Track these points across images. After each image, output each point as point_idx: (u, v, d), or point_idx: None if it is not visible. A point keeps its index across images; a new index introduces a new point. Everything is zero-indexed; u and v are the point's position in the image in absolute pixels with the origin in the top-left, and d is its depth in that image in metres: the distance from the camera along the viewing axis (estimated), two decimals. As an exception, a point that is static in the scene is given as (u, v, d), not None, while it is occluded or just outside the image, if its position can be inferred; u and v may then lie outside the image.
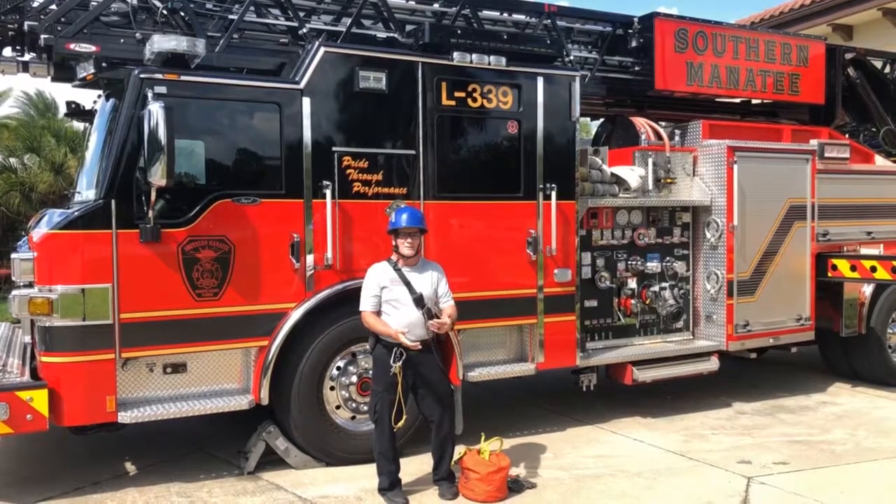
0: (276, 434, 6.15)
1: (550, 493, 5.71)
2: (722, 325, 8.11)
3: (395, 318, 5.53)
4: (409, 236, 5.56)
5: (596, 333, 7.73)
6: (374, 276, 5.59)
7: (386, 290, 5.54)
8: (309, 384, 6.13)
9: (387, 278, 5.56)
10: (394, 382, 5.47)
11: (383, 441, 5.56)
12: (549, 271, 7.03)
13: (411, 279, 5.59)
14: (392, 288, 5.55)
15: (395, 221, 5.58)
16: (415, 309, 5.53)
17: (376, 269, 5.62)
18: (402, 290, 5.54)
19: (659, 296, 8.00)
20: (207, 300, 5.74)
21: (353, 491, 5.73)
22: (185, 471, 6.12)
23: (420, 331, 5.54)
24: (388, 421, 5.52)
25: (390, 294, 5.54)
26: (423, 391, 5.65)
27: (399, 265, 5.61)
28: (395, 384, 5.47)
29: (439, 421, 5.66)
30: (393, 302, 5.55)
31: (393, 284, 5.55)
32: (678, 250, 8.25)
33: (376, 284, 5.55)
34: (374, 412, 5.59)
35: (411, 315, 5.52)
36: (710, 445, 6.94)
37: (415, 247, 5.60)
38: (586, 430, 7.38)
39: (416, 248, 5.61)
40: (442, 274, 5.78)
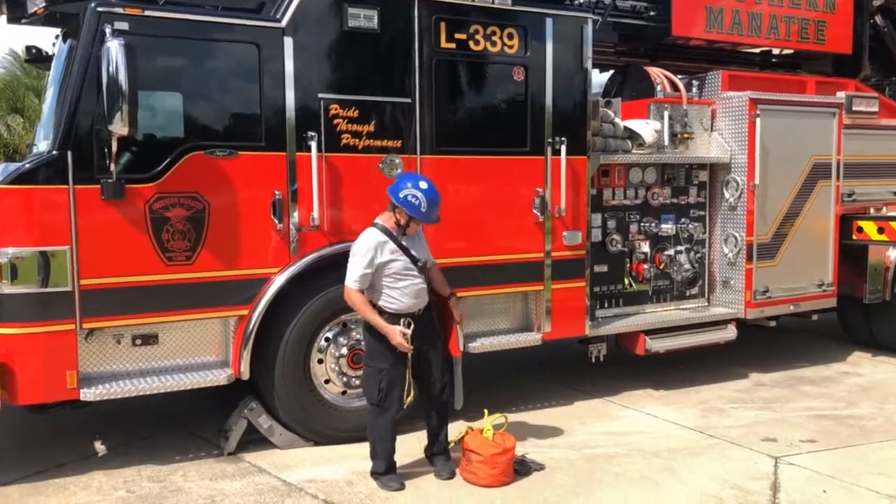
0: (258, 411, 5.60)
1: (560, 476, 5.19)
2: (740, 291, 7.56)
3: (401, 292, 4.96)
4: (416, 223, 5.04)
5: (606, 300, 7.18)
6: (369, 248, 4.90)
7: (385, 265, 4.93)
8: (294, 357, 5.57)
9: (386, 251, 4.95)
10: (401, 358, 4.96)
11: (385, 423, 5.01)
12: (557, 234, 6.44)
13: (410, 247, 5.06)
14: (394, 260, 4.96)
15: (414, 211, 4.89)
16: (419, 277, 5.01)
17: (372, 241, 4.91)
18: (404, 261, 4.99)
19: (674, 260, 7.43)
20: (179, 264, 5.15)
21: (342, 473, 5.20)
22: (160, 451, 5.58)
23: (424, 297, 5.07)
24: (397, 401, 4.98)
25: (392, 267, 4.95)
26: (422, 360, 5.12)
27: (395, 234, 5.01)
28: (403, 360, 4.96)
29: (438, 392, 5.15)
30: (396, 275, 4.97)
31: (394, 255, 4.96)
32: (694, 211, 7.66)
33: (371, 259, 4.89)
34: (378, 392, 4.97)
35: (417, 284, 5.01)
36: (730, 421, 6.42)
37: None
38: (596, 404, 6.86)
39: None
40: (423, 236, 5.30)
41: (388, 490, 4.99)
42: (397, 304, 4.97)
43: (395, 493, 4.88)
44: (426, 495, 4.86)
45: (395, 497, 4.84)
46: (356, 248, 4.95)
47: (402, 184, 4.96)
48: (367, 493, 4.87)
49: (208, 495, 4.82)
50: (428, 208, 4.93)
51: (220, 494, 4.84)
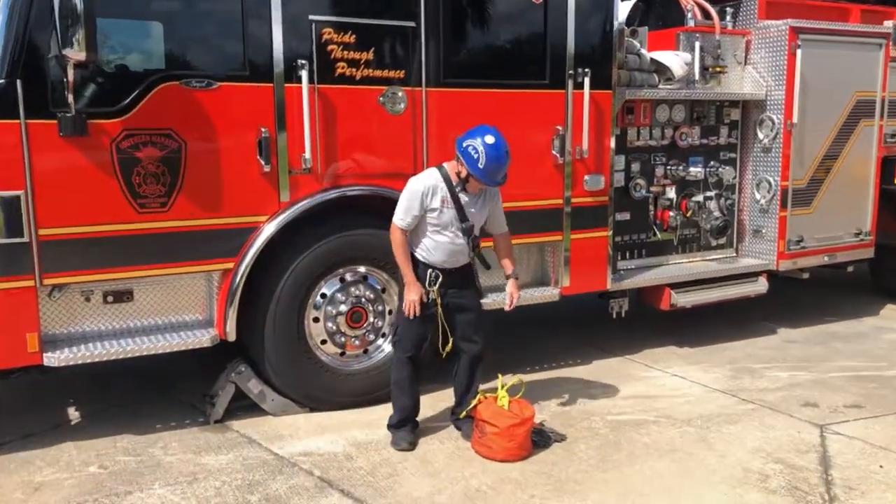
0: (247, 375, 5.05)
1: (584, 448, 4.66)
2: (772, 240, 6.96)
3: (436, 245, 4.53)
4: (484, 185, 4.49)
5: (627, 251, 6.59)
6: (422, 191, 4.44)
7: (434, 210, 4.47)
8: (287, 315, 4.99)
9: (438, 199, 4.46)
10: (427, 304, 4.55)
11: (401, 371, 4.65)
12: (578, 177, 5.80)
13: (466, 205, 4.51)
14: (442, 211, 4.47)
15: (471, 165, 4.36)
16: (460, 238, 4.52)
17: (427, 182, 4.47)
18: (451, 215, 4.48)
19: (703, 207, 6.81)
20: (153, 212, 4.52)
21: (341, 445, 4.67)
22: (140, 419, 5.05)
23: (462, 259, 4.61)
24: (412, 348, 4.60)
25: (436, 217, 4.48)
26: (458, 313, 4.66)
27: (456, 185, 4.49)
28: (430, 306, 4.55)
29: (475, 348, 4.68)
30: (438, 226, 4.49)
31: (444, 206, 4.47)
32: (724, 154, 7.02)
33: (421, 204, 4.44)
34: (394, 334, 4.72)
35: (456, 245, 4.54)
36: (764, 382, 5.88)
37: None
38: (617, 364, 6.31)
39: None
40: (498, 199, 4.72)
41: (395, 448, 4.56)
42: (428, 255, 4.55)
43: (399, 470, 4.34)
44: (434, 471, 4.33)
45: (399, 473, 4.30)
46: (410, 185, 4.51)
47: (472, 133, 4.47)
48: (369, 469, 4.34)
49: (190, 472, 4.29)
50: (487, 165, 4.35)
51: (202, 471, 4.31)
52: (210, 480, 4.19)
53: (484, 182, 4.41)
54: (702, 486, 4.19)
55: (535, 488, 4.14)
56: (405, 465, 4.40)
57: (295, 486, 4.14)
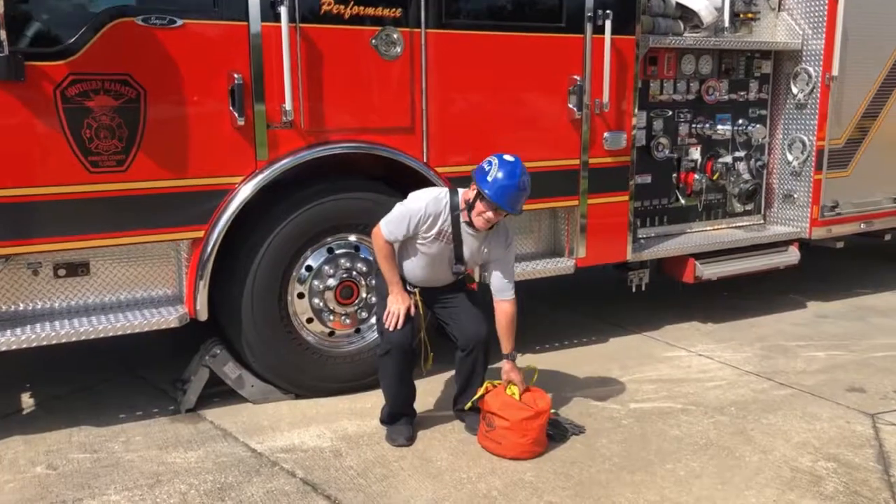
0: (223, 358, 4.45)
1: (606, 443, 4.08)
2: (805, 206, 6.34)
3: (421, 269, 3.98)
4: (495, 210, 3.77)
5: (648, 218, 5.96)
6: (420, 215, 3.82)
7: (427, 237, 3.87)
8: (267, 290, 4.37)
9: (435, 229, 3.86)
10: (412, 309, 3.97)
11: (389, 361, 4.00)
12: (596, 134, 5.15)
13: (466, 243, 3.91)
14: (435, 242, 3.88)
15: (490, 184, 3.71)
16: (447, 269, 3.97)
17: (429, 210, 3.83)
18: (444, 249, 3.89)
19: (731, 169, 6.15)
20: (109, 172, 3.88)
21: (329, 440, 4.09)
22: (102, 406, 4.46)
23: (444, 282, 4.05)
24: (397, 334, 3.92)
25: (428, 246, 3.89)
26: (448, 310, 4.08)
27: (463, 220, 3.87)
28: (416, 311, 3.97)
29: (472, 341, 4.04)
30: (427, 255, 3.91)
31: (440, 240, 3.87)
32: (753, 110, 6.36)
33: (414, 227, 3.83)
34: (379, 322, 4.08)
35: (438, 277, 4.00)
36: (800, 363, 5.30)
37: (492, 224, 3.85)
38: (636, 343, 5.72)
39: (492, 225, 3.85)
40: (511, 248, 4.06)
41: (391, 443, 4.00)
42: (406, 272, 3.99)
43: (395, 470, 3.76)
44: (436, 472, 3.75)
45: (395, 475, 3.72)
46: (410, 200, 3.91)
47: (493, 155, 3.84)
48: (360, 470, 3.75)
49: (153, 472, 3.71)
50: (499, 181, 3.70)
51: (167, 471, 3.72)
52: (175, 483, 3.61)
53: (493, 200, 3.69)
54: (746, 490, 3.61)
55: (553, 493, 3.56)
56: (402, 464, 3.82)
57: (273, 491, 3.56)
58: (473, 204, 3.78)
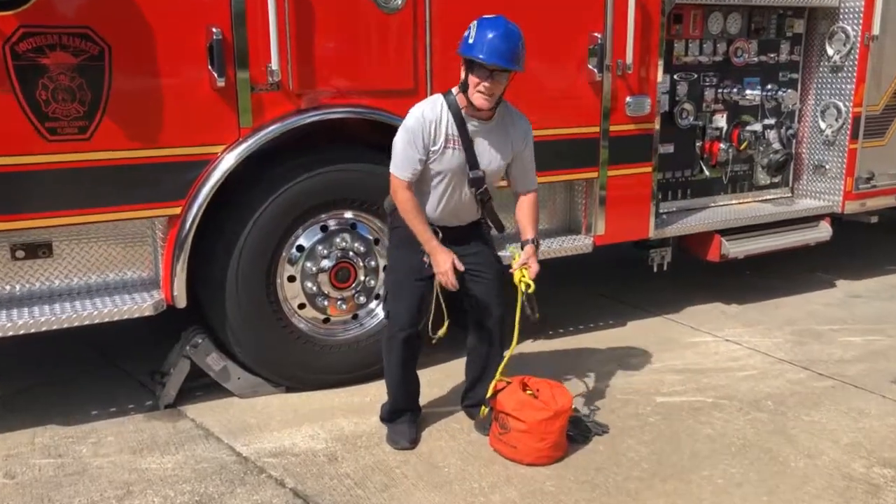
0: (206, 348, 4.01)
1: (634, 445, 3.65)
2: (837, 178, 5.87)
3: (437, 199, 3.46)
4: (490, 77, 3.23)
5: (669, 191, 5.49)
6: (422, 127, 3.31)
7: (436, 152, 3.34)
8: (254, 273, 3.92)
9: (442, 134, 3.33)
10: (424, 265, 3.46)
11: (393, 350, 3.57)
12: (618, 99, 4.67)
13: (478, 143, 3.37)
14: (445, 153, 3.34)
15: (472, 45, 3.23)
16: (467, 189, 3.42)
17: (428, 116, 3.33)
18: (457, 159, 3.36)
19: (760, 138, 5.67)
20: (70, 140, 3.40)
21: (323, 441, 3.66)
22: (71, 403, 4.02)
23: (469, 216, 3.54)
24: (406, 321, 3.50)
25: (440, 162, 3.36)
26: (466, 283, 3.54)
27: (466, 114, 3.34)
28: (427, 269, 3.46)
29: (489, 326, 3.62)
30: (440, 174, 3.39)
31: (449, 146, 3.34)
32: (784, 74, 5.85)
33: (422, 144, 3.31)
34: (385, 302, 3.67)
35: (461, 201, 3.46)
36: (837, 350, 4.87)
37: (495, 97, 3.30)
38: (657, 326, 5.28)
39: (496, 99, 3.31)
40: (529, 138, 3.53)
41: (392, 446, 3.57)
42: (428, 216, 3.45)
43: (397, 479, 3.33)
44: (444, 481, 3.32)
45: (397, 484, 3.29)
46: (405, 122, 3.39)
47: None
48: (358, 479, 3.32)
49: (123, 482, 3.28)
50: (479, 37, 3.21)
51: (140, 480, 3.29)
52: (147, 495, 3.18)
53: (480, 58, 3.18)
54: (796, 502, 3.19)
55: (577, 507, 3.15)
56: (405, 470, 3.40)
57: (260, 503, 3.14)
58: (466, 81, 3.29)
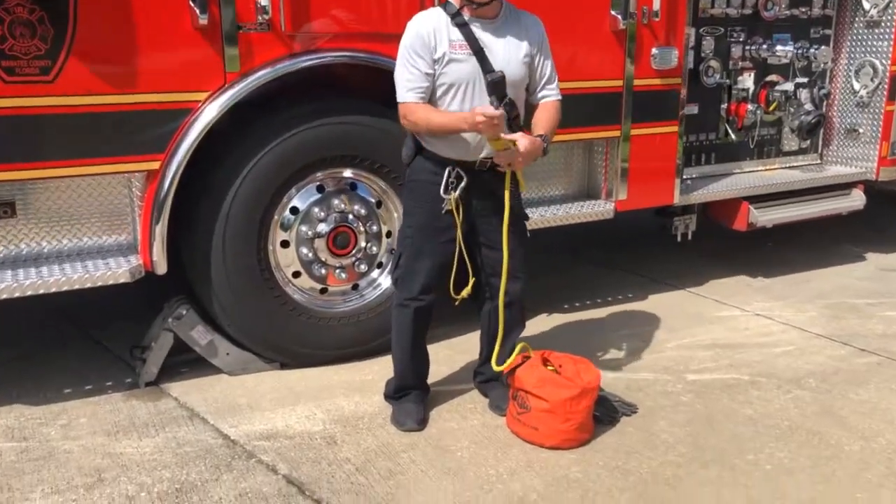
0: (190, 320, 3.62)
1: (667, 427, 3.27)
2: (872, 142, 5.46)
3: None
4: None
5: (693, 155, 5.09)
6: (421, 36, 2.96)
7: (443, 63, 2.95)
8: (243, 237, 3.53)
9: (444, 41, 2.94)
10: (443, 223, 3.06)
11: (403, 318, 3.19)
12: (643, 50, 4.26)
13: (488, 44, 2.96)
14: (454, 61, 2.94)
15: None
16: (487, 101, 2.96)
17: (427, 25, 2.98)
18: (467, 66, 2.95)
19: (791, 98, 5.25)
20: (30, 81, 3.00)
21: (321, 422, 3.28)
22: (44, 379, 3.65)
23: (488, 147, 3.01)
24: (418, 285, 3.12)
25: (449, 73, 2.96)
26: (489, 242, 3.17)
27: (466, 16, 2.95)
28: (446, 226, 3.06)
29: (510, 288, 3.19)
30: (452, 87, 2.98)
31: (455, 53, 2.94)
32: (816, 30, 5.42)
33: (428, 55, 2.93)
34: (396, 264, 3.22)
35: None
36: (878, 325, 4.49)
37: None
38: (680, 300, 4.91)
39: None
40: (543, 37, 3.13)
41: (398, 427, 3.20)
42: (440, 142, 3.03)
43: (404, 465, 2.95)
44: (457, 467, 2.94)
45: (404, 471, 2.92)
46: (403, 38, 3.02)
47: None
48: (360, 464, 2.95)
49: (94, 468, 2.90)
50: None
51: (114, 466, 2.92)
52: (121, 483, 2.80)
53: None
54: (857, 492, 2.82)
55: (609, 496, 2.76)
56: (412, 455, 3.02)
57: (248, 492, 2.76)
58: None
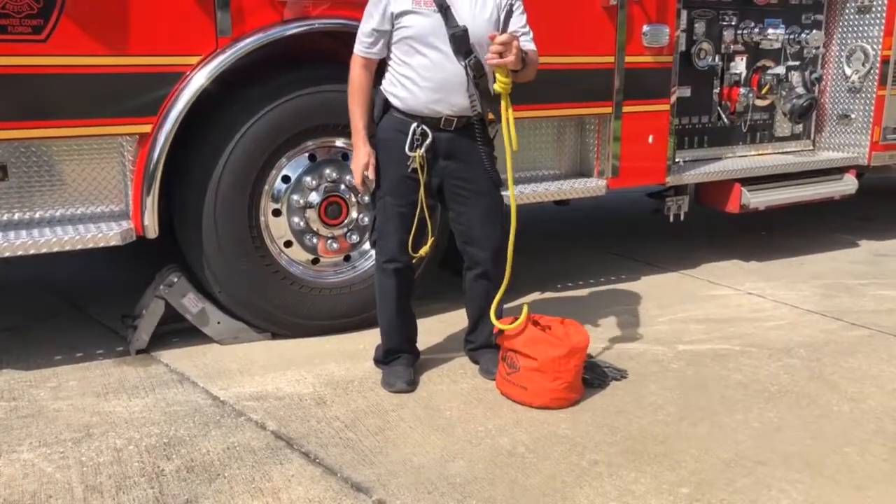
0: (181, 287, 3.62)
1: (656, 390, 3.28)
2: (864, 128, 5.49)
3: (414, 73, 3.00)
4: None
5: (686, 138, 5.11)
6: None
7: (404, 18, 2.96)
8: (234, 205, 3.54)
9: None
10: (410, 182, 3.06)
11: (385, 283, 3.22)
12: (634, 27, 4.29)
13: (453, 2, 2.96)
14: (416, 15, 2.95)
15: None
16: (452, 57, 2.96)
17: None
18: (432, 22, 2.95)
19: (783, 82, 5.29)
20: (21, 40, 3.02)
21: (310, 385, 3.28)
22: (33, 348, 3.64)
23: (460, 97, 3.00)
24: (395, 246, 3.13)
25: (411, 27, 2.97)
26: (458, 204, 3.18)
27: None
28: (414, 185, 3.06)
29: (484, 255, 3.22)
30: (414, 41, 2.98)
31: (418, 8, 2.96)
32: (807, 15, 5.47)
33: (384, 9, 2.98)
34: (373, 230, 3.23)
35: (445, 69, 2.97)
36: (870, 303, 4.50)
37: None
38: (673, 281, 4.92)
39: None
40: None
41: (388, 389, 3.20)
42: (404, 95, 3.03)
43: (392, 422, 2.95)
44: (445, 424, 2.94)
45: (392, 427, 2.92)
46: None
47: None
48: (349, 421, 2.95)
49: (83, 424, 2.90)
50: None
51: (102, 423, 2.91)
52: (109, 437, 2.80)
53: None
54: (846, 445, 2.82)
55: (597, 450, 2.76)
56: (401, 413, 3.02)
57: (236, 446, 2.76)
58: None
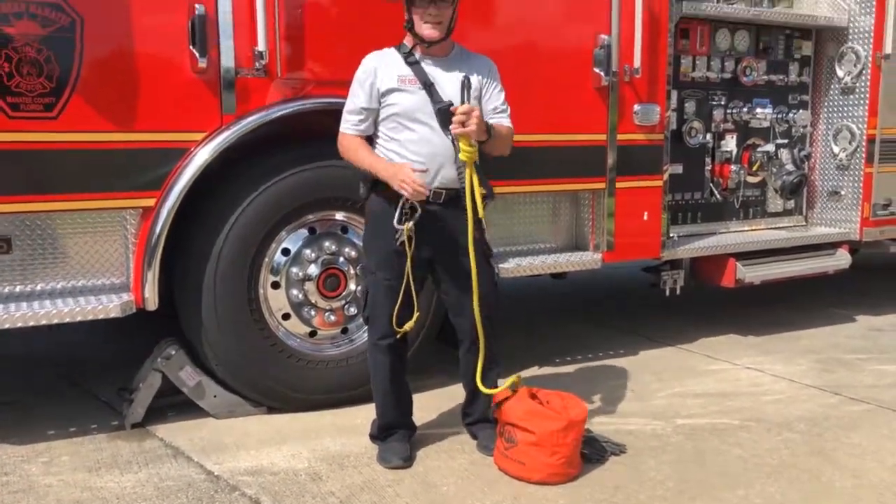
0: (179, 361, 3.62)
1: (655, 465, 3.24)
2: (853, 204, 5.59)
3: (402, 147, 3.10)
4: (432, 3, 3.02)
5: (678, 214, 5.19)
6: (370, 71, 3.12)
7: (390, 96, 3.08)
8: (234, 278, 3.58)
9: (393, 76, 3.09)
10: (399, 256, 3.08)
11: (379, 360, 3.23)
12: (626, 106, 4.42)
13: (437, 79, 3.09)
14: (402, 93, 3.08)
15: None
16: (439, 131, 3.07)
17: (375, 61, 3.16)
18: (418, 99, 3.07)
19: (773, 159, 5.41)
20: (35, 118, 3.11)
21: (305, 459, 3.25)
22: (29, 422, 3.61)
23: (448, 170, 3.10)
24: (387, 321, 3.12)
25: (398, 104, 3.08)
26: (448, 277, 3.23)
27: (417, 54, 3.11)
28: (403, 259, 3.08)
29: (471, 326, 3.21)
30: (398, 118, 3.09)
31: (404, 86, 3.08)
32: (794, 96, 5.64)
33: (370, 88, 3.10)
34: (364, 306, 3.27)
35: (432, 142, 3.08)
36: (868, 378, 4.50)
37: (444, 23, 3.08)
38: (671, 355, 4.92)
39: (445, 27, 3.10)
40: (493, 73, 3.26)
41: (383, 465, 3.16)
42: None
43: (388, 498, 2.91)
44: (442, 501, 2.91)
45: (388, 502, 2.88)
46: (357, 74, 3.18)
47: None
48: (343, 497, 2.91)
49: (73, 501, 2.86)
50: None
51: (93, 499, 2.87)
52: (100, 514, 2.77)
53: None
54: (847, 522, 2.79)
55: (596, 526, 2.73)
56: (397, 489, 2.98)
57: (229, 522, 2.72)
58: (411, 19, 3.08)
